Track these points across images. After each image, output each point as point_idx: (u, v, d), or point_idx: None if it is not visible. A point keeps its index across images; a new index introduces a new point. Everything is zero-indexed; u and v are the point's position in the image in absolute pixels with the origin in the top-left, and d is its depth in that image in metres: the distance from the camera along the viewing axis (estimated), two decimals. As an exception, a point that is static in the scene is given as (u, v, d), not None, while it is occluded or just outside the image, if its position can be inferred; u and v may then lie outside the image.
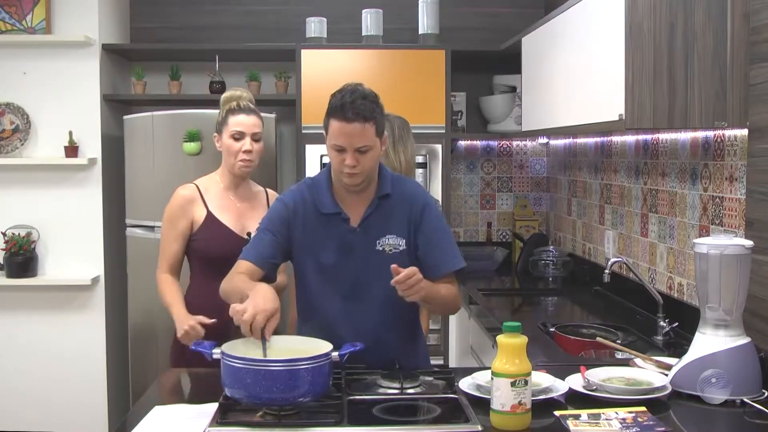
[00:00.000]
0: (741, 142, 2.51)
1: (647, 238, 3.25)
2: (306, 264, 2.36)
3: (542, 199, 4.80)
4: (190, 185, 2.85)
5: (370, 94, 2.25)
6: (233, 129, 2.79)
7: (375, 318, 2.34)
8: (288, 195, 2.40)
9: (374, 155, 2.27)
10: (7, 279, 4.17)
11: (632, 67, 2.49)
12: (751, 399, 2.06)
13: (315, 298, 2.37)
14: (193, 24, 4.64)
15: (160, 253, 2.82)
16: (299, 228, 2.34)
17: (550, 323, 3.07)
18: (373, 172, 2.32)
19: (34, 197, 4.25)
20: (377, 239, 2.34)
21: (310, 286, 2.36)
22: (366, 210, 2.34)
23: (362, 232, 2.33)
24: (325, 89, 3.94)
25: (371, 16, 4.18)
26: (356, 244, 2.33)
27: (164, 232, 2.82)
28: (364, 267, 2.33)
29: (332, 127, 2.23)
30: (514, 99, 4.39)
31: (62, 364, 4.27)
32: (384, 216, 2.35)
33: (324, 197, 2.34)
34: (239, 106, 2.83)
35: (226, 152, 2.83)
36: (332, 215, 2.33)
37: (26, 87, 4.23)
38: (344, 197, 2.35)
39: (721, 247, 2.10)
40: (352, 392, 2.07)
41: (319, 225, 2.33)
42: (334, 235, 2.33)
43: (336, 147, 2.24)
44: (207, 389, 2.12)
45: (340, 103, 2.21)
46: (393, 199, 2.37)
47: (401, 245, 2.35)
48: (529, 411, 1.89)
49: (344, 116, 2.19)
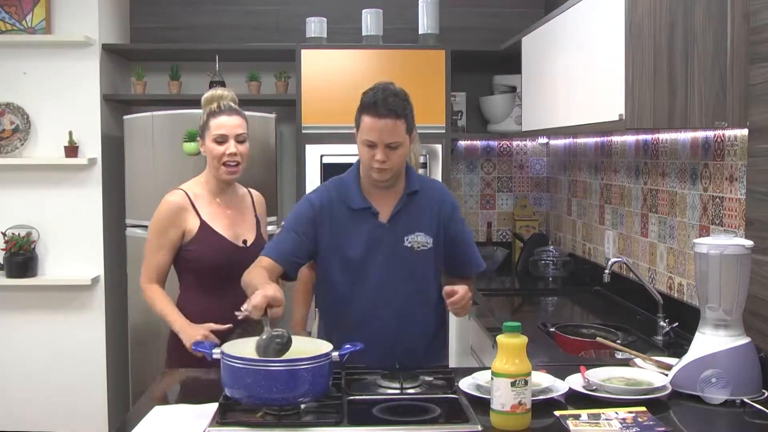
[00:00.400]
0: (741, 142, 2.51)
1: (647, 238, 3.25)
2: (333, 261, 2.39)
3: (542, 199, 4.80)
4: (177, 191, 2.70)
5: (401, 92, 2.32)
6: (215, 132, 2.64)
7: (401, 314, 2.38)
8: (315, 194, 2.45)
9: (403, 152, 2.33)
10: (7, 279, 4.17)
11: (632, 67, 2.49)
12: (751, 399, 2.06)
13: (341, 295, 2.40)
14: (193, 24, 4.64)
15: (146, 262, 2.68)
16: (327, 226, 2.38)
17: (550, 323, 3.07)
18: (401, 168, 2.38)
19: (34, 197, 4.25)
20: (405, 235, 2.39)
21: (336, 284, 2.39)
22: (395, 206, 2.39)
23: (391, 228, 2.38)
24: (325, 89, 4.03)
25: (371, 16, 4.18)
26: (385, 239, 2.38)
27: (151, 240, 2.67)
28: (392, 263, 2.37)
29: (364, 122, 2.30)
30: (514, 99, 4.39)
31: (62, 364, 4.27)
32: (413, 213, 2.40)
33: (353, 193, 2.39)
34: (220, 107, 2.69)
35: (210, 157, 2.67)
36: (361, 210, 2.38)
37: (26, 87, 4.23)
38: (372, 193, 2.40)
39: (721, 247, 2.10)
40: (352, 392, 2.07)
41: (348, 221, 2.38)
42: (362, 231, 2.37)
43: (367, 142, 2.30)
44: (207, 389, 2.12)
45: (372, 100, 2.28)
46: (421, 196, 2.42)
47: (429, 243, 2.40)
48: (529, 411, 1.89)
49: (376, 112, 2.26)
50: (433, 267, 2.46)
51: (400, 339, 2.37)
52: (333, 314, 2.44)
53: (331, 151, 4.01)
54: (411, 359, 2.31)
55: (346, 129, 3.18)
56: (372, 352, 2.16)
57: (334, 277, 2.40)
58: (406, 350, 2.36)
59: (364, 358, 2.13)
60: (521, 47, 3.79)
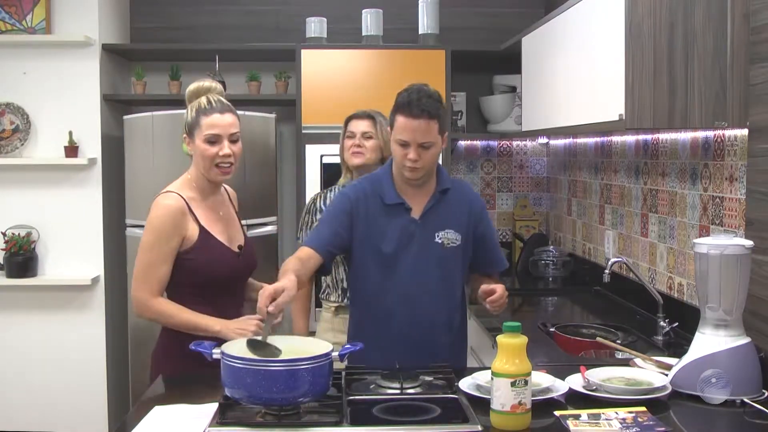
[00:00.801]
0: (741, 142, 2.51)
1: (647, 238, 3.25)
2: (366, 255, 2.47)
3: (542, 199, 4.80)
4: (172, 194, 2.45)
5: (435, 93, 2.39)
6: (208, 132, 2.42)
7: (429, 308, 2.47)
8: (351, 189, 2.53)
9: (435, 152, 2.41)
10: (7, 279, 4.17)
11: (632, 67, 2.49)
12: (751, 399, 2.06)
13: (375, 287, 2.47)
14: (193, 24, 4.64)
15: (145, 274, 2.39)
16: (362, 219, 2.46)
17: (550, 323, 3.07)
18: (432, 167, 2.46)
19: (34, 197, 4.25)
20: (436, 232, 2.47)
21: (370, 277, 2.47)
22: (427, 202, 2.47)
23: (422, 224, 2.47)
24: (325, 89, 4.03)
25: (371, 16, 4.18)
26: (416, 234, 2.46)
27: (153, 250, 2.39)
28: (423, 258, 2.46)
29: (398, 122, 2.37)
30: (514, 99, 4.39)
31: (62, 364, 4.27)
32: (444, 210, 2.49)
33: (388, 189, 2.47)
34: (210, 104, 2.45)
35: (200, 158, 2.44)
36: (395, 206, 2.46)
37: (26, 87, 4.23)
38: (405, 190, 2.48)
39: (721, 247, 2.10)
40: (352, 392, 2.07)
41: (382, 216, 2.46)
42: (395, 226, 2.45)
43: (400, 141, 2.38)
44: (207, 389, 2.12)
45: (407, 100, 2.35)
46: (452, 194, 2.51)
47: (458, 240, 2.49)
48: (529, 411, 1.89)
49: (410, 112, 2.34)
50: (461, 264, 2.54)
51: (428, 332, 2.46)
52: (366, 306, 2.52)
53: (331, 151, 3.99)
54: (436, 353, 2.43)
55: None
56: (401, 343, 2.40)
57: (367, 269, 2.48)
58: (432, 343, 2.47)
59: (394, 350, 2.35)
60: (521, 47, 3.79)
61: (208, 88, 2.49)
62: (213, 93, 2.49)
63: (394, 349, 2.40)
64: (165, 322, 2.44)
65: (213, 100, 2.46)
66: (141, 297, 2.41)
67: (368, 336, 2.39)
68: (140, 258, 2.42)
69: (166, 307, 2.41)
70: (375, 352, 2.24)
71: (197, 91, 2.49)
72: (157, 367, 2.51)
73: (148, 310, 2.41)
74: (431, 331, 2.47)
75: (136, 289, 2.42)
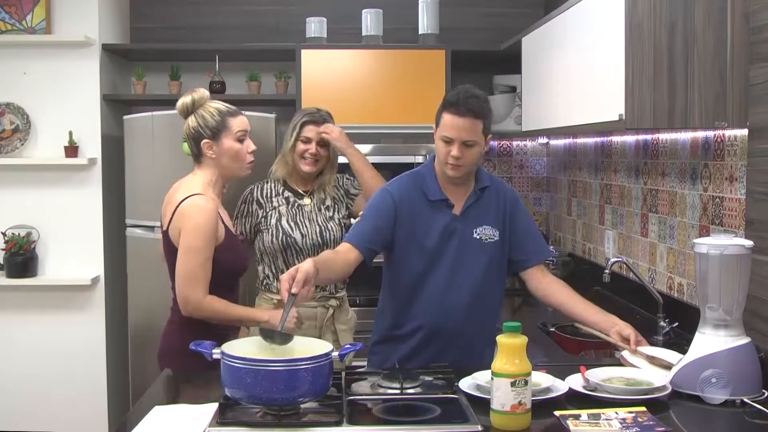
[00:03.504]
0: (741, 142, 2.51)
1: (647, 238, 3.25)
2: (410, 248, 2.52)
3: (542, 199, 4.80)
4: (206, 197, 2.58)
5: (482, 95, 2.46)
6: (238, 131, 2.64)
7: (466, 302, 2.52)
8: (394, 186, 2.58)
9: (478, 151, 2.46)
10: (7, 279, 4.17)
11: (632, 67, 2.49)
12: (751, 399, 2.06)
13: (417, 277, 2.52)
14: (193, 24, 4.64)
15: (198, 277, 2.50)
16: (405, 215, 2.51)
17: (550, 323, 3.07)
18: (474, 166, 2.52)
19: (34, 197, 4.25)
20: (474, 228, 2.53)
21: (413, 267, 2.52)
22: (467, 199, 2.53)
23: (463, 219, 2.53)
24: (325, 89, 4.03)
25: (371, 16, 4.18)
26: (457, 230, 2.52)
27: (202, 252, 2.50)
28: (462, 253, 2.51)
29: (444, 119, 2.43)
30: (514, 99, 4.39)
31: (62, 364, 4.27)
32: (482, 207, 2.55)
33: (431, 185, 2.53)
34: (229, 107, 2.68)
35: (230, 157, 2.64)
36: (439, 202, 2.52)
37: (26, 87, 4.23)
38: (447, 187, 2.54)
39: (721, 247, 2.10)
40: (352, 392, 2.07)
41: (426, 211, 2.52)
42: (438, 221, 2.51)
43: (445, 138, 2.43)
44: (207, 389, 2.12)
45: (455, 99, 2.41)
46: (490, 192, 2.57)
47: (496, 236, 2.55)
48: (529, 411, 1.89)
49: (457, 110, 2.40)
50: (499, 259, 2.58)
51: (464, 326, 2.51)
52: (405, 297, 2.55)
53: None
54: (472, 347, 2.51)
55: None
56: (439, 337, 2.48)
57: (411, 261, 2.52)
58: (468, 341, 2.52)
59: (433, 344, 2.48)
60: (521, 47, 3.79)
61: (208, 96, 2.68)
62: (208, 99, 2.68)
63: (426, 341, 2.51)
64: (217, 318, 2.56)
65: (226, 104, 2.69)
66: (194, 297, 2.51)
67: (403, 327, 2.52)
68: (189, 259, 2.51)
69: (218, 305, 2.54)
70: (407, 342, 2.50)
71: (200, 100, 2.66)
72: (165, 366, 2.59)
73: (202, 309, 2.53)
74: (465, 325, 2.52)
75: (187, 290, 2.51)
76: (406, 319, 2.55)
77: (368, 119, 4.00)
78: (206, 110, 2.65)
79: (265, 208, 3.07)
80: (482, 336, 2.57)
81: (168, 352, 2.63)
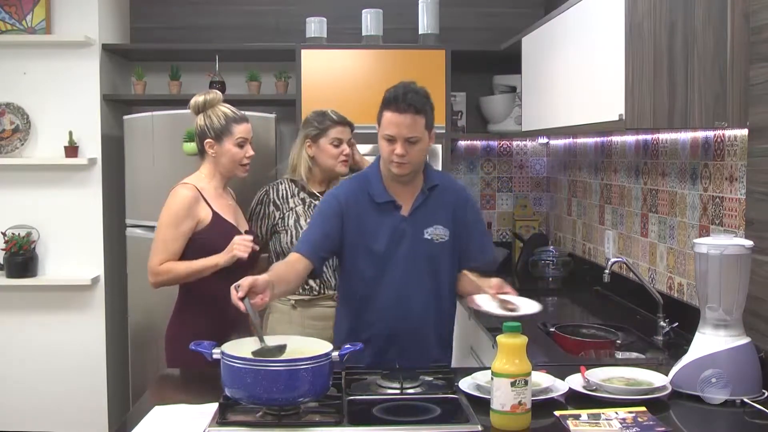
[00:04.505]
0: (741, 142, 2.51)
1: (647, 238, 3.25)
2: (359, 253, 2.47)
3: (542, 199, 4.80)
4: (188, 185, 2.84)
5: (422, 90, 2.41)
6: (240, 137, 2.86)
7: (420, 306, 2.47)
8: (340, 189, 2.54)
9: (422, 147, 2.41)
10: (7, 279, 4.17)
11: (632, 67, 2.49)
12: (751, 399, 2.06)
13: (368, 285, 2.47)
14: (193, 24, 4.64)
15: (159, 250, 2.77)
16: (353, 219, 2.46)
17: (550, 323, 3.07)
18: (420, 164, 2.46)
19: (34, 197, 4.25)
20: (425, 228, 2.48)
21: (363, 274, 2.47)
22: (416, 199, 2.48)
23: (412, 221, 2.47)
24: (325, 89, 4.03)
25: (371, 16, 4.17)
26: (407, 232, 2.46)
27: (166, 231, 2.78)
28: (413, 255, 2.46)
29: (385, 117, 2.39)
30: (514, 99, 4.39)
31: (62, 364, 4.27)
32: (431, 206, 2.49)
33: (377, 187, 2.48)
34: (236, 113, 2.89)
35: (228, 159, 2.86)
36: (385, 204, 2.47)
37: (26, 87, 4.23)
38: (394, 187, 2.48)
39: (721, 247, 2.10)
40: (352, 392, 2.07)
41: (372, 214, 2.46)
42: (386, 224, 2.46)
43: (387, 137, 2.38)
44: (207, 389, 2.12)
45: (394, 95, 2.37)
46: (440, 190, 2.51)
47: (447, 236, 2.50)
48: (529, 411, 1.89)
49: (397, 107, 2.35)
50: (450, 259, 2.54)
51: (419, 328, 2.47)
52: (358, 304, 2.51)
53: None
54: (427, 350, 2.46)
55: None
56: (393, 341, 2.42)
57: (360, 268, 2.48)
58: (424, 340, 2.48)
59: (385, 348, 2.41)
60: (521, 47, 3.79)
61: (220, 99, 2.92)
62: (220, 102, 2.91)
63: (385, 347, 2.45)
64: (175, 276, 2.77)
65: (234, 110, 2.91)
66: (153, 266, 2.77)
67: (360, 334, 2.43)
68: (156, 235, 2.80)
69: (170, 266, 2.76)
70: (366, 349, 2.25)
71: (211, 102, 2.90)
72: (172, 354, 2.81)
73: (159, 275, 2.76)
74: (422, 327, 2.48)
75: (150, 261, 2.78)
76: (361, 327, 2.49)
77: (368, 119, 3.95)
78: (215, 112, 2.88)
79: (282, 210, 3.07)
80: (441, 337, 2.55)
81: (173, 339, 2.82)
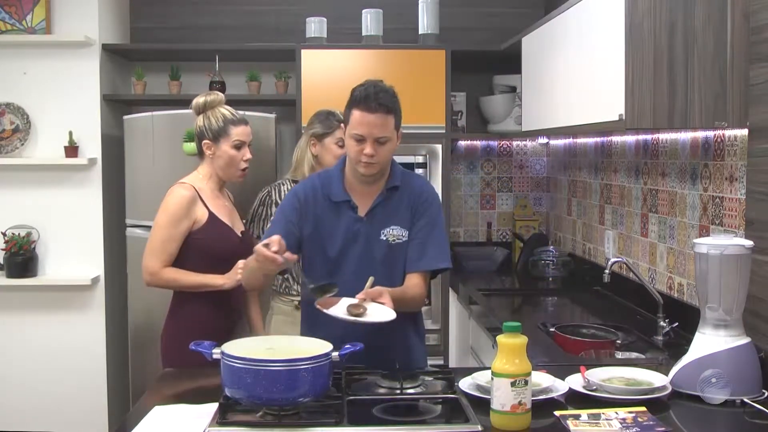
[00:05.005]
0: (741, 142, 2.51)
1: (647, 238, 3.25)
2: (314, 253, 2.43)
3: (542, 199, 4.80)
4: (186, 184, 2.86)
5: (391, 89, 2.37)
6: (236, 139, 2.88)
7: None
8: (300, 186, 2.50)
9: (391, 147, 2.37)
10: (7, 279, 4.17)
11: (632, 67, 2.49)
12: (751, 399, 2.06)
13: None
14: (193, 24, 4.64)
15: (157, 250, 2.79)
16: (310, 217, 2.42)
17: (550, 323, 3.07)
18: (387, 164, 2.42)
19: (34, 197, 4.25)
20: (382, 229, 2.42)
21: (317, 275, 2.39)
22: (374, 200, 2.42)
23: (368, 222, 2.42)
24: (325, 89, 4.02)
25: (371, 16, 4.18)
26: (362, 233, 2.41)
27: (164, 231, 2.80)
28: (368, 256, 2.41)
29: (354, 116, 2.34)
30: (514, 99, 4.39)
31: (62, 364, 4.27)
32: (390, 207, 2.44)
33: (335, 186, 2.43)
34: (234, 115, 2.91)
35: (225, 161, 2.89)
36: (341, 203, 2.42)
37: (26, 87, 4.23)
38: (355, 187, 2.44)
39: (721, 247, 2.10)
40: (352, 392, 2.07)
41: (329, 214, 2.42)
42: (341, 224, 2.41)
43: (356, 136, 2.33)
44: (207, 389, 2.12)
45: (363, 95, 2.33)
46: (401, 192, 2.45)
47: (404, 236, 2.43)
48: (529, 411, 1.89)
49: (367, 106, 2.31)
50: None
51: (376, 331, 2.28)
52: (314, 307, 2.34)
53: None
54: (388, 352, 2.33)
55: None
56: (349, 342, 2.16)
57: (315, 268, 2.42)
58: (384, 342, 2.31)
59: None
60: (521, 47, 3.79)
61: (221, 100, 2.94)
62: (222, 104, 2.94)
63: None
64: (174, 286, 2.82)
65: (234, 112, 2.93)
66: (152, 267, 2.80)
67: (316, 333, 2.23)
68: (154, 235, 2.82)
69: (172, 275, 2.79)
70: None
71: (212, 103, 2.92)
72: (168, 357, 2.83)
73: (159, 278, 2.80)
74: (380, 330, 2.28)
75: (147, 261, 2.81)
76: (317, 327, 2.32)
77: (368, 119, 3.99)
78: (214, 114, 2.90)
79: None
80: (399, 341, 2.44)
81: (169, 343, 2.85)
